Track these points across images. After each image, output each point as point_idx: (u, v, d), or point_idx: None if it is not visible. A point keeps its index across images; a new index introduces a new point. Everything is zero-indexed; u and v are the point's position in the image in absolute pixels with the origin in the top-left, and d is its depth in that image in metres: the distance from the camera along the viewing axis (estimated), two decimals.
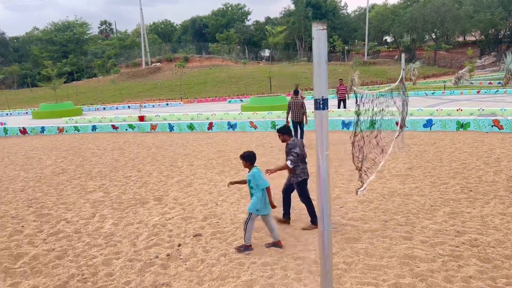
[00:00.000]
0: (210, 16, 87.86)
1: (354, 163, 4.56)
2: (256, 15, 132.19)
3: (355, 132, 4.40)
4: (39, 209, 6.88)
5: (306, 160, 5.33)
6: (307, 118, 11.40)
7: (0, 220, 6.35)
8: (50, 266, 4.63)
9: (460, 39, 78.60)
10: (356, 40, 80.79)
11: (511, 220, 5.23)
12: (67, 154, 12.64)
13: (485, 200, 6.05)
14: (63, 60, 72.35)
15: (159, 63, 64.29)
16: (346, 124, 14.19)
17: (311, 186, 5.25)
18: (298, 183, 5.27)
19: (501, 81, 33.06)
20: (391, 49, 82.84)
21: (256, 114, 18.56)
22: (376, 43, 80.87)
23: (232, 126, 16.02)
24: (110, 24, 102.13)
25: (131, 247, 5.05)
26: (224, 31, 76.70)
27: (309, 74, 52.18)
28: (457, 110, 14.95)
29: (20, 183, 8.96)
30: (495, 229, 4.97)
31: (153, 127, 17.24)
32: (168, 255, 4.73)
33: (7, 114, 34.88)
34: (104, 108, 35.41)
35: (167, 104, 35.27)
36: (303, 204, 5.37)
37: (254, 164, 4.80)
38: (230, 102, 34.76)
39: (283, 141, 5.32)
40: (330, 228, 2.36)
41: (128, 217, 6.23)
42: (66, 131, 18.59)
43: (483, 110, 14.57)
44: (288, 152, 5.19)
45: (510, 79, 31.13)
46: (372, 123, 5.70)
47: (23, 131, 18.95)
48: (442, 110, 15.35)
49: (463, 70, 34.69)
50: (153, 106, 34.81)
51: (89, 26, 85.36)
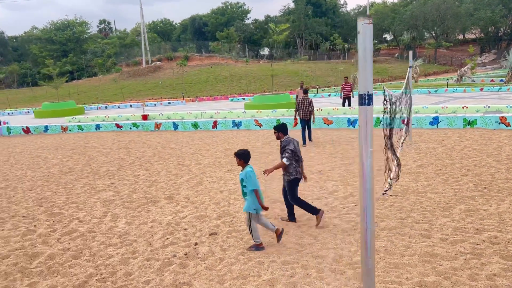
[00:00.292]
0: (210, 14, 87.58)
1: (387, 165, 4.52)
2: (255, 13, 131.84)
3: (388, 131, 4.35)
4: (50, 208, 6.84)
5: (300, 158, 5.36)
6: (314, 117, 11.33)
7: (11, 220, 6.32)
8: (67, 266, 4.59)
9: (460, 37, 78.49)
10: (354, 40, 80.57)
11: None
12: (72, 153, 12.60)
13: (500, 197, 6.02)
14: (62, 59, 72.11)
15: (159, 62, 64.09)
16: (352, 122, 14.15)
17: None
18: (289, 181, 5.29)
19: (503, 78, 33.02)
20: (390, 47, 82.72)
21: (260, 112, 18.52)
22: (376, 41, 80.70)
23: (237, 125, 15.97)
24: (109, 23, 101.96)
25: (147, 246, 5.01)
26: (224, 29, 76.50)
27: (310, 72, 52.09)
28: (462, 108, 14.91)
29: (28, 182, 8.92)
30: None
31: (157, 126, 17.19)
32: (186, 254, 4.70)
33: (8, 114, 34.76)
34: (106, 107, 35.30)
35: (169, 103, 35.17)
36: (315, 202, 5.34)
37: (248, 163, 4.77)
38: (232, 100, 34.67)
39: (277, 138, 5.39)
40: (373, 227, 2.32)
41: (141, 216, 6.19)
42: (70, 130, 18.53)
43: (488, 107, 14.53)
44: (282, 150, 5.23)
45: None
46: (392, 122, 5.66)
47: (27, 130, 18.89)
48: (447, 107, 15.31)
49: (466, 67, 34.62)
50: (155, 104, 34.72)
51: (88, 25, 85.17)
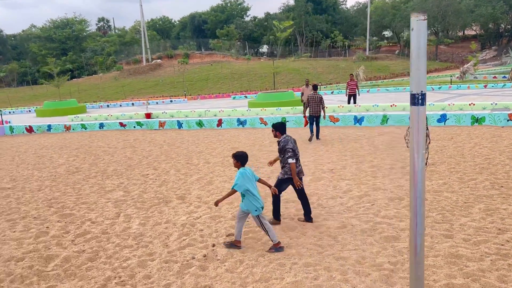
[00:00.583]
0: (209, 12, 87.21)
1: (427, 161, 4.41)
2: (255, 11, 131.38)
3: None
4: (60, 209, 6.75)
5: (299, 157, 5.31)
6: (325, 113, 11.42)
7: (22, 221, 6.23)
8: (83, 269, 4.51)
9: (460, 33, 78.27)
10: (354, 37, 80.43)
11: None
12: (78, 152, 12.50)
13: None
14: (62, 58, 71.84)
15: (159, 60, 63.86)
16: (358, 120, 14.05)
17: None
18: (282, 179, 5.26)
19: (506, 75, 32.92)
20: (391, 44, 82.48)
21: (265, 110, 18.41)
22: (376, 38, 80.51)
23: (241, 123, 15.87)
24: (108, 21, 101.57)
25: (164, 248, 4.93)
26: (224, 27, 76.21)
27: (311, 70, 51.93)
28: (469, 105, 14.81)
29: (35, 182, 8.82)
30: None
31: (161, 124, 17.08)
32: (204, 256, 4.61)
33: (9, 113, 34.57)
34: (107, 106, 35.13)
35: (171, 101, 35.02)
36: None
37: (245, 166, 4.73)
38: (234, 98, 34.51)
39: (275, 136, 5.37)
40: (423, 232, 2.23)
41: (154, 216, 6.10)
42: (73, 129, 18.41)
43: (496, 104, 14.44)
44: (282, 150, 5.19)
45: None
46: None
47: (29, 130, 18.77)
48: (454, 104, 15.21)
49: (469, 64, 34.48)
50: (157, 103, 34.57)
51: (88, 23, 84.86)
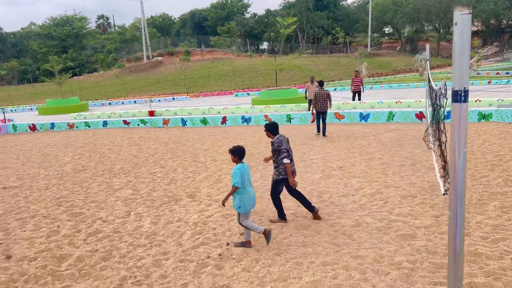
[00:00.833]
0: (210, 9, 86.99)
1: (441, 162, 4.37)
2: (255, 7, 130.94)
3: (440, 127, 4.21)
4: (69, 208, 6.71)
5: (292, 158, 5.27)
6: (331, 105, 11.67)
7: (32, 220, 6.19)
8: (98, 268, 4.46)
9: None
10: (355, 33, 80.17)
11: None
12: (83, 150, 12.45)
13: None
14: (62, 55, 71.69)
15: (160, 57, 63.72)
16: (364, 117, 13.99)
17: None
18: (277, 180, 5.23)
19: (509, 71, 32.79)
20: (392, 40, 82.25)
21: (269, 107, 18.34)
22: (378, 35, 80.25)
23: (246, 120, 15.81)
24: (107, 18, 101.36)
25: (177, 247, 4.88)
26: (225, 23, 75.97)
27: (312, 66, 51.78)
28: (475, 101, 14.74)
29: (42, 181, 8.78)
30: None
31: (165, 122, 17.03)
32: (219, 255, 4.57)
33: (11, 111, 34.51)
34: (110, 103, 35.05)
35: (173, 99, 34.94)
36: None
37: (243, 160, 4.67)
38: (237, 95, 34.42)
39: (268, 136, 5.36)
40: (463, 232, 2.17)
41: (165, 215, 6.06)
42: (77, 127, 18.37)
43: (502, 100, 14.36)
44: (276, 151, 5.15)
45: None
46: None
47: (33, 128, 18.73)
48: None
49: (472, 60, 34.33)
50: (159, 100, 34.50)
51: (88, 20, 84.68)
